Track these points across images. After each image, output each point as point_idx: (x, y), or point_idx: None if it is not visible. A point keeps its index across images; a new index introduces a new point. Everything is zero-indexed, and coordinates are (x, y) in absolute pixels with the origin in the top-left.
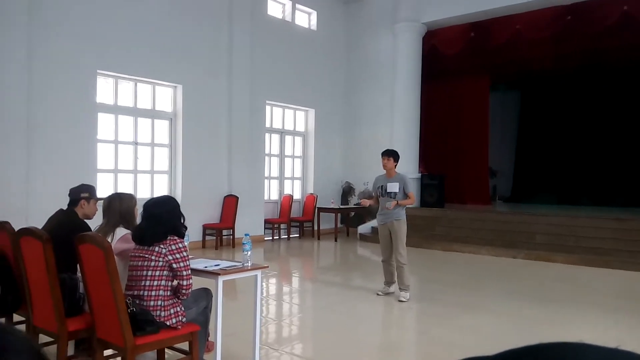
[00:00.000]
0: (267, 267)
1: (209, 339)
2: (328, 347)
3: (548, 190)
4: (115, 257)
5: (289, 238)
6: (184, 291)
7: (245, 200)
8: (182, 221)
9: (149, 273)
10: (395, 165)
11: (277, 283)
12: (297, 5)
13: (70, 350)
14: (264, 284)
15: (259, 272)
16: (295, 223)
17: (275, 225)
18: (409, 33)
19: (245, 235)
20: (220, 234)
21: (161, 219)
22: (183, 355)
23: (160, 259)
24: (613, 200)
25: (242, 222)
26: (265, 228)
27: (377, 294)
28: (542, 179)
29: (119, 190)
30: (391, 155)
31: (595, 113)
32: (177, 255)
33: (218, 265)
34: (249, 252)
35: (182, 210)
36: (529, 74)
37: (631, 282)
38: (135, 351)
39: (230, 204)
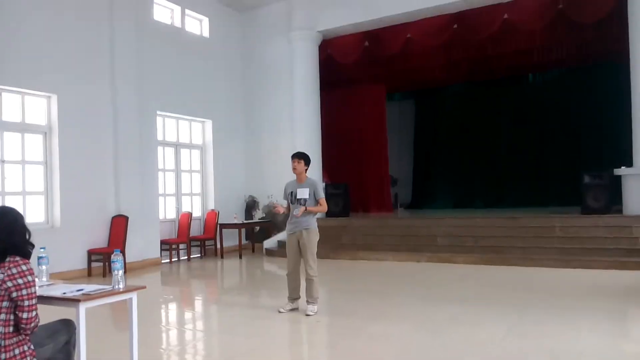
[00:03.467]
0: (144, 287)
1: None
2: None
3: (445, 195)
4: None
5: (189, 259)
6: (23, 326)
7: (137, 220)
8: (27, 237)
9: None
10: (306, 170)
11: (176, 308)
12: (187, 11)
13: None
14: (162, 310)
15: (134, 295)
16: (195, 242)
17: (174, 246)
18: (305, 41)
19: (116, 251)
20: (108, 259)
21: None
22: None
23: None
24: (503, 201)
25: (134, 245)
26: (162, 250)
27: (279, 311)
28: (439, 184)
29: None
30: (302, 157)
31: (484, 120)
32: (20, 281)
33: (81, 290)
34: (121, 272)
35: (62, 234)
36: (421, 83)
37: (526, 276)
38: None
39: (119, 225)
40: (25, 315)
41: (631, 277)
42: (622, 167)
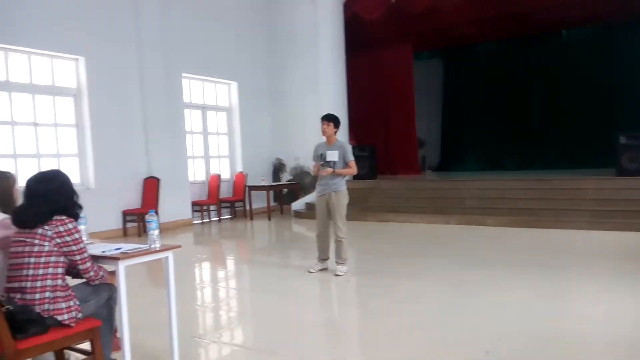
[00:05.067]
0: (180, 246)
1: (117, 335)
2: (264, 331)
3: (474, 157)
4: None
5: (220, 220)
6: (86, 276)
7: (168, 182)
8: (75, 199)
9: (32, 260)
10: (336, 132)
11: (210, 267)
12: None
13: None
14: (196, 269)
15: (170, 253)
16: (225, 204)
17: (204, 207)
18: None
19: (151, 212)
20: (142, 220)
21: (47, 198)
22: (84, 357)
23: (46, 243)
24: (534, 163)
25: (166, 206)
26: (193, 211)
27: (309, 272)
28: (468, 146)
29: None
30: (331, 120)
31: (514, 79)
32: (68, 238)
33: (119, 249)
34: (156, 231)
35: (97, 195)
36: (450, 41)
37: (558, 239)
38: (18, 357)
39: (151, 186)
40: (81, 267)
41: None
42: None
